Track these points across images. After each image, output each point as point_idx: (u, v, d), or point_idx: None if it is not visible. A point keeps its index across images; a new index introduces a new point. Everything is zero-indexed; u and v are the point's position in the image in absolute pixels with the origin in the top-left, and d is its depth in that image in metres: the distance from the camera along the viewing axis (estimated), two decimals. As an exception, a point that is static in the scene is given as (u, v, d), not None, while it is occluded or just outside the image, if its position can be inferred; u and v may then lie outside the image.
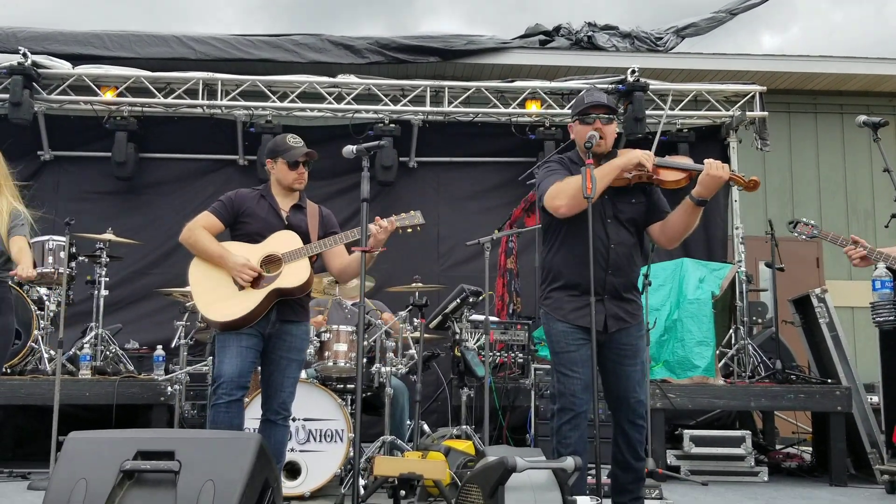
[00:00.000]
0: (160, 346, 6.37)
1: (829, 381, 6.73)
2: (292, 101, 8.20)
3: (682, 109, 8.39)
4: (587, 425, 3.80)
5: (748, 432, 6.62)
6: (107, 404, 6.06)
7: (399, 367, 5.64)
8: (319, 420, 5.16)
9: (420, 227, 4.32)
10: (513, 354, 6.60)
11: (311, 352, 5.31)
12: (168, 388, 6.01)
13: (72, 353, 6.56)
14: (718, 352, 7.01)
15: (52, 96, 8.00)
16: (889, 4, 25.03)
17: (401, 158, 8.40)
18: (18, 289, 6.29)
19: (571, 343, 3.80)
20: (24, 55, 7.70)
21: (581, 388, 3.77)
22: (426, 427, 5.95)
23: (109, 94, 8.07)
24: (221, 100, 8.12)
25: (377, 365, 5.49)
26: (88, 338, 6.58)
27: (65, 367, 6.10)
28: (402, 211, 4.30)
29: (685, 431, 6.56)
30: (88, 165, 8.42)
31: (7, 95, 7.68)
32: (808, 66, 9.76)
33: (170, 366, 6.32)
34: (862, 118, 4.24)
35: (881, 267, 4.55)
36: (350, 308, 5.89)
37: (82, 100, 8.08)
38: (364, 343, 4.56)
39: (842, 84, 10.07)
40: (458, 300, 5.93)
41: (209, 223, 4.24)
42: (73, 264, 6.49)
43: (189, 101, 8.13)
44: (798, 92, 10.17)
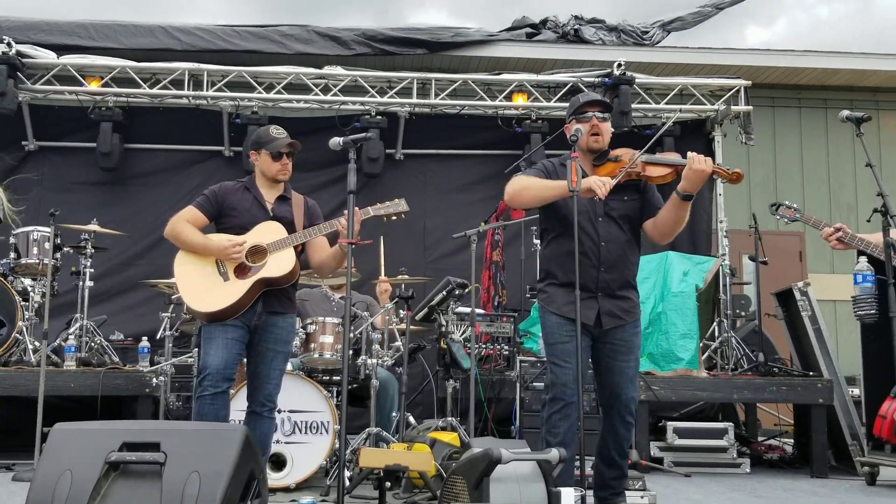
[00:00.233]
0: (145, 338, 6.34)
1: (811, 373, 6.79)
2: (278, 92, 8.18)
3: (667, 103, 8.43)
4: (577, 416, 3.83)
5: (731, 424, 6.68)
6: (92, 396, 6.04)
7: (385, 358, 5.65)
8: (305, 412, 5.17)
9: (405, 214, 4.32)
10: (498, 346, 6.63)
11: (296, 343, 5.32)
12: (153, 380, 5.99)
13: (56, 344, 6.53)
14: (702, 344, 7.06)
15: (37, 86, 7.94)
16: (874, 0, 25.16)
17: (387, 150, 8.40)
18: (3, 280, 6.26)
19: (564, 335, 3.82)
20: (9, 45, 7.63)
21: (573, 379, 3.80)
22: (412, 419, 5.96)
23: (94, 85, 8.02)
24: (207, 90, 8.08)
25: (363, 357, 5.50)
26: (73, 329, 6.55)
27: (49, 359, 6.08)
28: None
29: (669, 423, 6.61)
30: (73, 156, 8.37)
31: (-9, 85, 7.62)
32: (793, 61, 9.82)
33: (155, 357, 6.30)
34: (845, 113, 4.26)
35: (863, 261, 4.58)
36: (337, 301, 5.89)
37: (67, 90, 8.03)
38: (350, 335, 4.58)
39: (826, 79, 10.13)
40: (445, 292, 5.94)
41: (193, 217, 4.24)
42: (58, 255, 6.45)
43: (175, 92, 8.09)
44: (782, 86, 10.24)
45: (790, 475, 6.46)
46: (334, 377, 5.53)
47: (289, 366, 4.88)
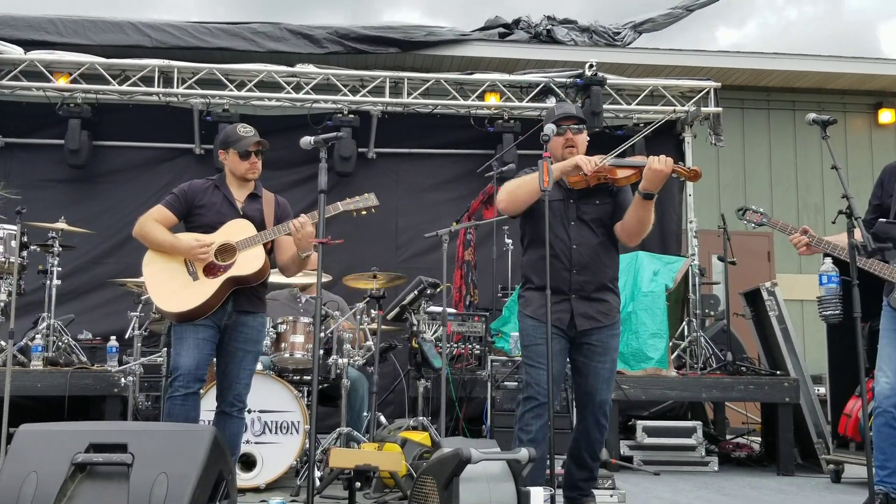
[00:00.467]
0: (114, 337, 6.28)
1: (778, 372, 6.88)
2: (250, 90, 8.13)
3: (638, 104, 8.49)
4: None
5: (699, 423, 6.74)
6: (59, 396, 5.96)
7: (356, 358, 5.64)
8: (275, 412, 5.15)
9: (375, 208, 4.30)
10: (470, 346, 6.65)
11: (267, 343, 5.30)
12: (122, 380, 5.93)
13: (23, 343, 6.44)
14: (671, 344, 7.12)
15: (4, 82, 7.85)
16: (842, 2, 25.51)
17: (360, 149, 8.38)
18: (-33, 278, 6.17)
19: (539, 337, 3.85)
20: (-25, 40, 7.55)
21: (547, 380, 3.83)
22: (383, 418, 5.96)
23: (63, 81, 7.93)
24: (178, 88, 8.01)
25: (334, 356, 5.48)
26: (40, 328, 6.47)
27: (16, 358, 5.99)
28: None
29: (638, 422, 6.66)
30: (40, 153, 8.26)
31: (-44, 80, 7.52)
32: (762, 63, 9.94)
33: (123, 357, 6.25)
34: (811, 116, 4.30)
35: (828, 262, 4.65)
36: (304, 302, 5.86)
37: (35, 86, 7.94)
38: (321, 335, 4.56)
39: (794, 81, 10.27)
40: (416, 292, 5.95)
41: (162, 216, 4.20)
42: (25, 253, 6.35)
43: (144, 89, 8.02)
44: (751, 88, 10.36)
45: (757, 473, 6.54)
46: (305, 377, 5.51)
47: (259, 365, 4.86)
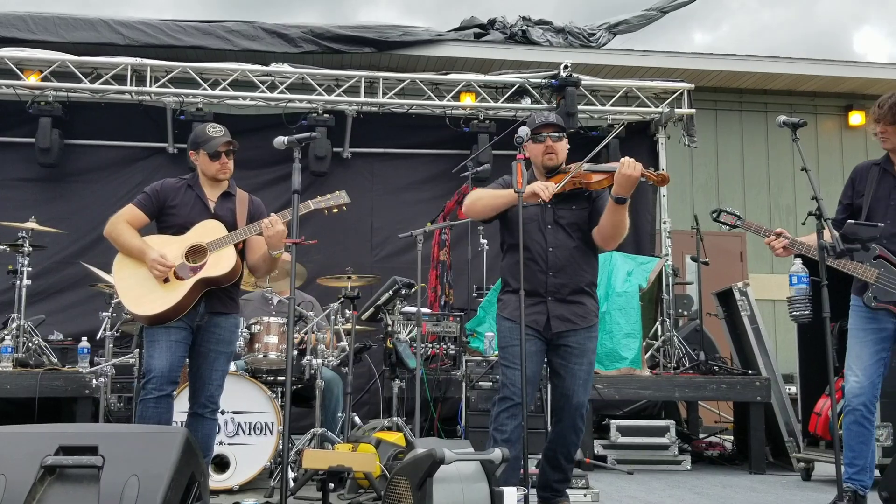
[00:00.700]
0: (85, 338, 6.23)
1: (750, 371, 6.94)
2: (224, 88, 8.07)
3: (613, 105, 8.53)
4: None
5: (672, 422, 6.80)
6: (29, 397, 5.90)
7: (330, 359, 5.63)
8: (249, 413, 5.13)
9: (346, 206, 4.29)
10: (444, 346, 6.64)
11: (240, 344, 5.26)
12: (93, 381, 5.88)
13: (-8, 344, 6.37)
14: (645, 343, 7.17)
15: (-28, 79, 7.74)
16: (815, 6, 25.80)
17: (335, 149, 8.34)
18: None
19: (515, 338, 3.87)
20: (-57, 37, 7.44)
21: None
22: (357, 419, 5.95)
23: (33, 79, 7.83)
24: (150, 86, 7.93)
25: (308, 357, 5.46)
26: (10, 329, 6.39)
27: (-16, 360, 5.93)
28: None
29: (612, 422, 6.70)
30: (11, 151, 8.15)
31: (-76, 78, 7.41)
32: (735, 65, 10.03)
33: (95, 358, 6.18)
34: (782, 118, 4.35)
35: (798, 262, 4.71)
36: (277, 303, 5.82)
37: (4, 83, 7.83)
38: (295, 335, 4.54)
39: (766, 83, 10.37)
40: (391, 292, 5.94)
41: (133, 216, 4.17)
42: (-6, 253, 6.30)
43: (117, 87, 7.93)
44: (725, 90, 10.45)
45: (729, 471, 6.60)
46: (279, 377, 5.48)
47: (233, 366, 4.83)
